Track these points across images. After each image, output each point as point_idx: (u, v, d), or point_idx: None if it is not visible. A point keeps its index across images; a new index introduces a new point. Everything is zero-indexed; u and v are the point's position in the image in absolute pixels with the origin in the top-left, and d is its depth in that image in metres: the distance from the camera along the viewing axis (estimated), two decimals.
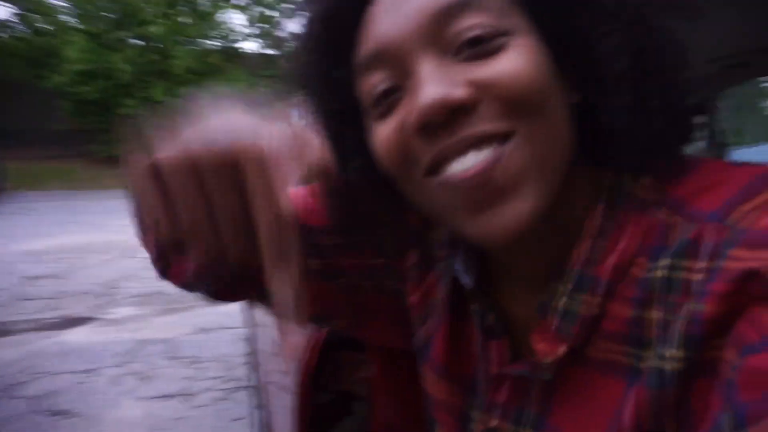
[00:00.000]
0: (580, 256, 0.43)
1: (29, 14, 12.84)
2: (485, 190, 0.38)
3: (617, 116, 0.41)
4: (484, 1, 0.40)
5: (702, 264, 0.36)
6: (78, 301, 4.11)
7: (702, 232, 0.37)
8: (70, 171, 12.22)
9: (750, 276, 0.33)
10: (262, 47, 15.31)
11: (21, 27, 13.11)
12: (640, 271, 0.40)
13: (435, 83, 0.38)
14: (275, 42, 14.72)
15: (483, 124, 0.38)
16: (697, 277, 0.36)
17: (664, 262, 0.39)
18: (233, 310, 2.87)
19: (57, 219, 7.88)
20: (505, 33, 0.40)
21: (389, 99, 0.42)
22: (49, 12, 12.61)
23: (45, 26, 12.62)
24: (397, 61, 0.41)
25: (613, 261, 0.42)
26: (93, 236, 6.66)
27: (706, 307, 0.34)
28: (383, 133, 0.42)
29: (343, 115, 0.48)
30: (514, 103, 0.38)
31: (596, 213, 0.43)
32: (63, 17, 12.66)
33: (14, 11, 13.28)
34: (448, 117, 0.38)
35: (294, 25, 0.50)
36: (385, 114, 0.42)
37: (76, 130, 12.97)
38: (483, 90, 0.38)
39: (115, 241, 6.34)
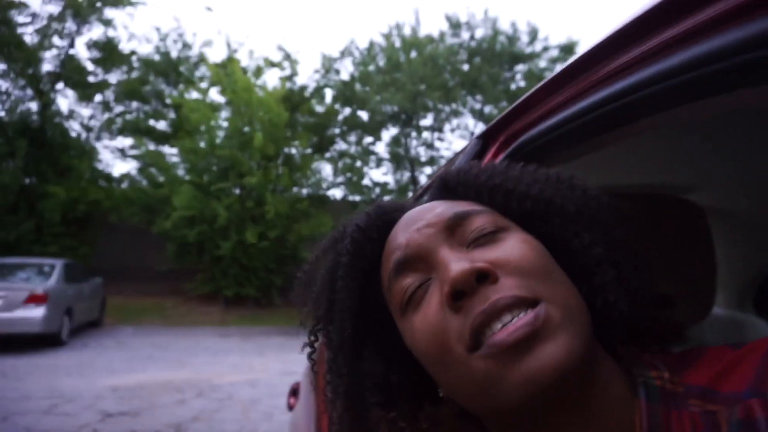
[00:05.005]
0: None
1: (147, 168, 14.84)
2: (531, 339, 0.40)
3: (604, 294, 0.48)
4: (482, 211, 0.51)
5: None
6: None
7: (749, 410, 0.38)
8: (163, 308, 13.00)
9: None
10: (347, 194, 16.39)
11: (140, 179, 15.12)
12: None
13: (460, 261, 0.45)
14: (359, 189, 15.87)
15: (511, 291, 0.43)
16: None
17: None
18: None
19: (147, 354, 8.25)
20: (503, 229, 0.50)
21: (420, 291, 0.48)
22: (165, 167, 14.44)
23: (160, 179, 14.40)
24: (423, 260, 0.49)
25: None
26: (176, 373, 6.87)
27: None
28: (420, 318, 0.47)
29: (367, 331, 0.55)
30: (528, 273, 0.44)
31: (641, 410, 0.43)
32: (174, 171, 14.41)
33: (136, 166, 15.50)
34: (476, 284, 0.44)
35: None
36: (418, 304, 0.48)
37: (175, 270, 14.04)
38: (499, 266, 0.45)
39: (194, 379, 6.49)
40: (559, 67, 0.79)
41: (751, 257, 1.77)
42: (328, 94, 16.82)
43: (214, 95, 15.21)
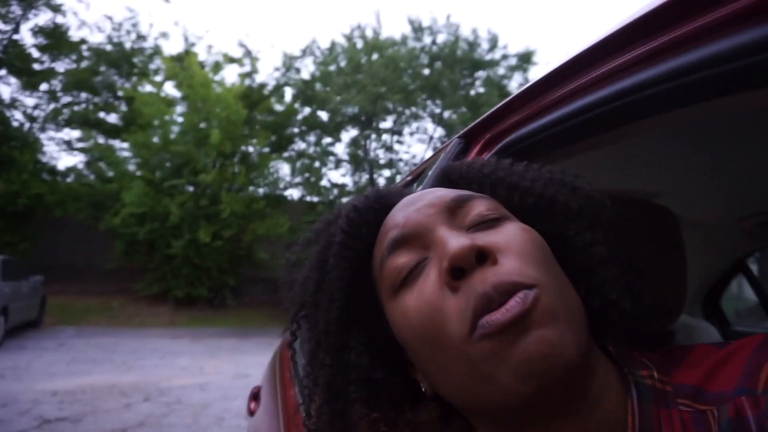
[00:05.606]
0: None
1: (96, 162, 14.19)
2: (529, 318, 0.39)
3: (604, 292, 0.48)
4: (485, 198, 0.50)
5: None
6: None
7: (739, 409, 0.38)
8: (109, 308, 12.48)
9: None
10: (304, 194, 16.22)
11: (87, 173, 14.46)
12: None
13: (459, 238, 0.44)
14: (317, 190, 15.75)
15: (510, 277, 0.41)
16: None
17: None
18: None
19: (90, 356, 7.87)
20: (504, 217, 0.48)
21: (416, 271, 0.46)
22: (115, 161, 13.86)
23: (109, 173, 13.81)
24: (420, 238, 0.47)
25: None
26: (121, 376, 6.57)
27: None
28: (415, 296, 0.45)
29: (355, 314, 0.52)
30: (527, 260, 0.43)
31: (633, 411, 0.42)
32: (125, 166, 13.86)
33: (83, 159, 14.83)
34: (475, 263, 0.42)
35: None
36: (413, 283, 0.46)
37: (123, 269, 13.52)
38: (499, 250, 0.43)
39: (141, 383, 6.22)
40: (546, 69, 0.80)
41: (701, 264, 1.83)
42: (288, 92, 16.64)
43: (169, 89, 14.78)
